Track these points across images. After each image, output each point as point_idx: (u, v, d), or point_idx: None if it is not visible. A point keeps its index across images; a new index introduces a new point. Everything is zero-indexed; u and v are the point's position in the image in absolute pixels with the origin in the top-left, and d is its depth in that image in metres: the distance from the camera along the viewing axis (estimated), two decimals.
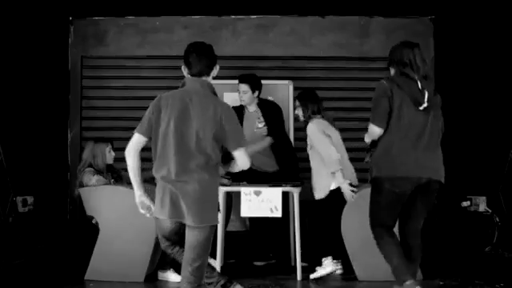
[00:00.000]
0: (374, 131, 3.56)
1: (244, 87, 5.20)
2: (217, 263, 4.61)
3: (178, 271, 4.60)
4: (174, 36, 6.71)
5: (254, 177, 4.98)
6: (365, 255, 4.48)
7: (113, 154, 4.94)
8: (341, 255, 4.69)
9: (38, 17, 6.12)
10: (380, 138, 3.56)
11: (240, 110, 5.27)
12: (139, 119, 6.98)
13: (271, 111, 5.32)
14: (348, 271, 4.69)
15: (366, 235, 4.47)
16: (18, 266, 5.10)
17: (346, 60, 6.73)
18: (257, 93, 5.26)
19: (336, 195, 4.57)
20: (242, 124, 5.16)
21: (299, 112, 4.85)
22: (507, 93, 5.87)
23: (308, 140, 4.74)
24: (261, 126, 5.29)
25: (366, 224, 4.46)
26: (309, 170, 4.90)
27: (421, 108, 3.49)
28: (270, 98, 6.23)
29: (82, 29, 6.75)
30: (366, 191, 4.50)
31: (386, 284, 4.33)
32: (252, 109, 5.32)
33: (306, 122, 4.78)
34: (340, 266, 4.70)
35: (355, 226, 4.48)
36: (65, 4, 6.43)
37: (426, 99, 3.50)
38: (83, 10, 6.60)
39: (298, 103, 4.88)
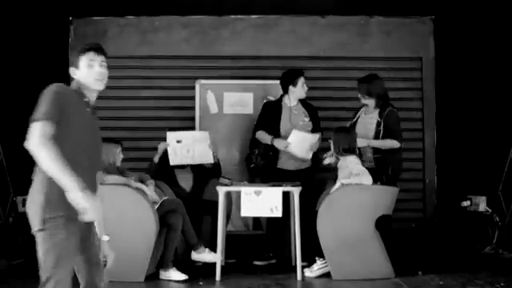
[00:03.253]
0: (396, 145, 4.95)
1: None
2: (217, 263, 4.61)
3: (180, 269, 4.61)
4: (174, 36, 6.72)
5: (284, 175, 5.17)
6: (339, 255, 4.51)
7: (121, 156, 4.92)
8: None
9: (38, 17, 6.12)
10: (396, 150, 4.94)
11: (278, 104, 5.47)
12: (139, 119, 7.04)
13: (314, 113, 5.55)
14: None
15: (340, 235, 4.51)
16: (18, 266, 5.10)
17: (346, 60, 6.74)
18: None
19: None
20: (280, 117, 5.39)
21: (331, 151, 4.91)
22: (507, 93, 5.87)
23: (346, 172, 4.72)
24: (307, 120, 5.46)
25: (341, 224, 4.49)
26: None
27: None
28: (270, 98, 6.24)
29: (82, 29, 6.74)
30: (340, 193, 4.54)
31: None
32: (294, 103, 5.45)
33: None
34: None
35: (330, 226, 4.51)
36: (65, 4, 6.43)
37: None
38: (83, 9, 6.59)
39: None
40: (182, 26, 6.74)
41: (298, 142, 5.25)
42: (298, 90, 5.38)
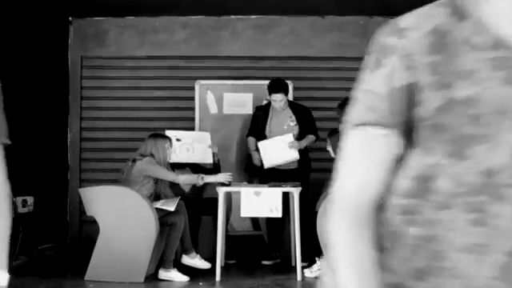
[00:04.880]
0: None
1: (280, 96, 5.32)
2: (217, 263, 4.61)
3: (181, 271, 4.60)
4: (174, 36, 6.72)
5: (275, 174, 5.17)
6: None
7: (171, 150, 4.91)
8: None
9: (37, 17, 6.12)
10: None
11: (266, 109, 5.50)
12: (139, 119, 7.04)
13: (304, 115, 5.48)
14: None
15: None
16: (17, 266, 5.10)
17: (346, 60, 6.73)
18: (288, 95, 5.45)
19: None
20: (266, 121, 5.44)
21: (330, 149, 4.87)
22: None
23: None
24: (292, 124, 5.43)
25: None
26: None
27: None
28: (268, 98, 6.24)
29: (82, 29, 6.75)
30: None
31: None
32: (283, 108, 5.44)
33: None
34: None
35: None
36: (65, 4, 6.43)
37: None
38: (83, 10, 6.59)
39: (328, 142, 4.88)
40: (181, 26, 6.74)
41: (273, 149, 5.25)
42: (273, 102, 5.38)
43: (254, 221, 6.19)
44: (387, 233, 0.91)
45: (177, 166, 5.41)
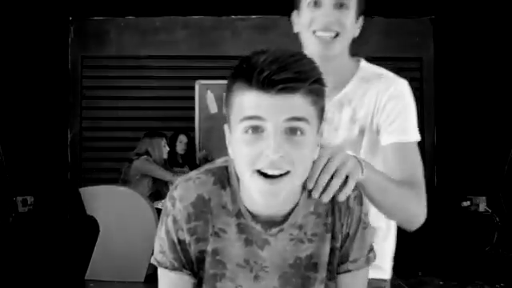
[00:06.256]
0: None
1: None
2: None
3: None
4: (174, 36, 6.72)
5: None
6: None
7: (167, 148, 4.94)
8: None
9: (38, 17, 6.12)
10: None
11: None
12: (139, 119, 7.04)
13: None
14: None
15: None
16: (18, 266, 5.10)
17: None
18: None
19: None
20: None
21: None
22: (507, 93, 5.87)
23: None
24: None
25: None
26: None
27: None
28: None
29: (82, 29, 6.75)
30: None
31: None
32: None
33: None
34: None
35: None
36: (65, 4, 6.43)
37: None
38: (83, 10, 6.60)
39: None
40: (181, 25, 6.75)
41: None
42: None
43: None
44: None
45: (176, 165, 5.41)
